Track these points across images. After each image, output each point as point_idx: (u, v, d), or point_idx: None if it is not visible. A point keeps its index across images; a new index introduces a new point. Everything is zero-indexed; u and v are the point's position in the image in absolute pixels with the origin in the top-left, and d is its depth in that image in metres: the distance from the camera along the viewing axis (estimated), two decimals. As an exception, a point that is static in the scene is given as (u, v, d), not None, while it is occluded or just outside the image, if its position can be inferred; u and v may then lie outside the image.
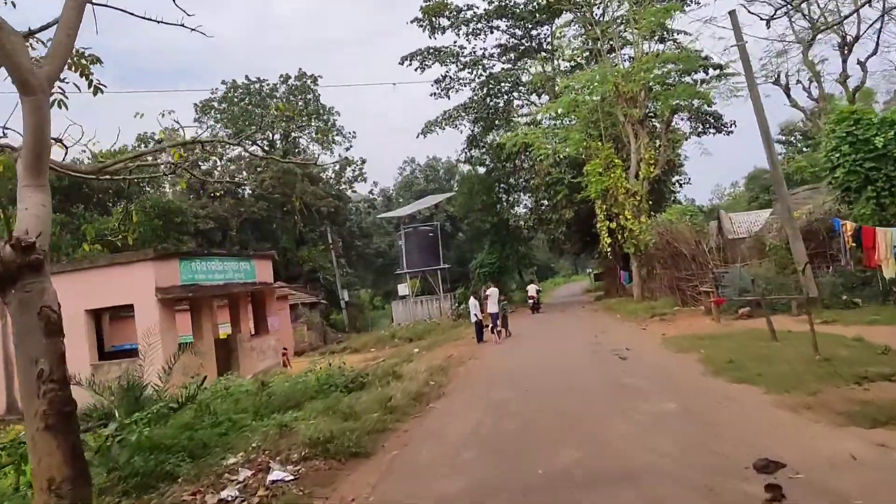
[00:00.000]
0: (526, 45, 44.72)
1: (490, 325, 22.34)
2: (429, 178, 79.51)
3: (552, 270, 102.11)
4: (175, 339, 18.15)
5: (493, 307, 22.58)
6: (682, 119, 40.13)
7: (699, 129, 41.71)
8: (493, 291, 23.14)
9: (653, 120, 34.72)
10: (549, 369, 14.30)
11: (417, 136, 43.11)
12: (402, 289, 38.71)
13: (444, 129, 43.52)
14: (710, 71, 35.94)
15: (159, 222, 33.47)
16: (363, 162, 56.93)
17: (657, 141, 32.23)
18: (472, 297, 23.67)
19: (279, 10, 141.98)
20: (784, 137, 71.55)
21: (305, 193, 47.11)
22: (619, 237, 30.09)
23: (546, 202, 43.05)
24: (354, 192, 57.46)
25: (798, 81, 36.08)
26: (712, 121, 40.96)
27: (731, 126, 42.04)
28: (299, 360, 32.02)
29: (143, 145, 46.89)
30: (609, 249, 31.30)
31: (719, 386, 10.26)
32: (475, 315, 22.83)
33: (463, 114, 43.49)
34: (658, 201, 36.87)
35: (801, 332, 14.90)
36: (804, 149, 71.06)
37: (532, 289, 38.49)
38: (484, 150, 48.53)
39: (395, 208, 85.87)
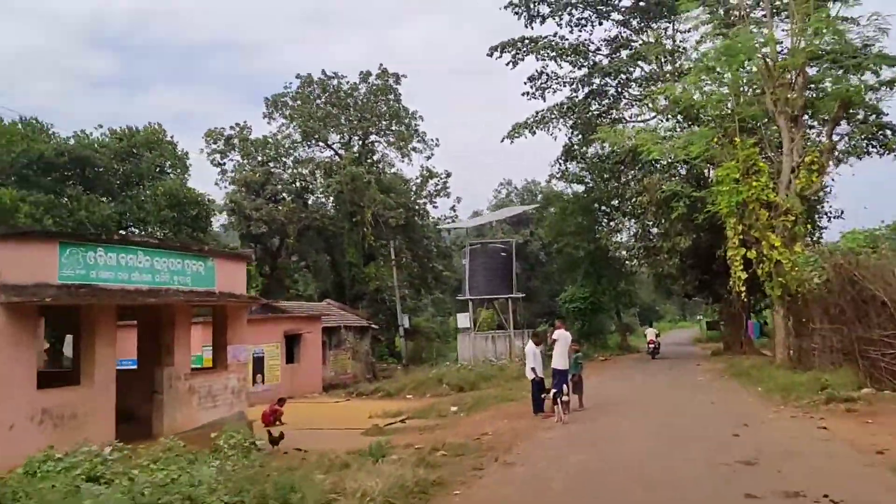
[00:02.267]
0: (642, 40, 35.81)
1: (552, 392, 13.56)
2: (525, 201, 71.13)
3: (657, 313, 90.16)
4: (30, 370, 11.01)
5: (560, 361, 13.91)
6: (839, 134, 29.62)
7: (863, 147, 30.84)
8: (561, 335, 14.47)
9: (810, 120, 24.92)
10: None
11: (503, 141, 35.07)
12: (463, 319, 30.28)
13: (534, 133, 35.13)
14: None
15: (170, 213, 27.18)
16: (448, 175, 49.30)
17: (818, 146, 22.44)
18: (530, 342, 14.98)
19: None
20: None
21: (375, 202, 39.98)
22: (760, 272, 20.47)
23: (655, 228, 33.66)
24: (436, 207, 49.88)
25: None
26: (885, 135, 30.16)
27: (905, 144, 30.84)
28: (322, 398, 24.45)
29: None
30: (744, 289, 21.56)
31: None
32: (532, 370, 14.22)
33: (558, 115, 34.98)
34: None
35: None
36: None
37: (651, 332, 34.69)
38: (583, 165, 39.74)
39: (487, 234, 78.33)
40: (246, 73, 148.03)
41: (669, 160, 31.25)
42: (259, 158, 42.65)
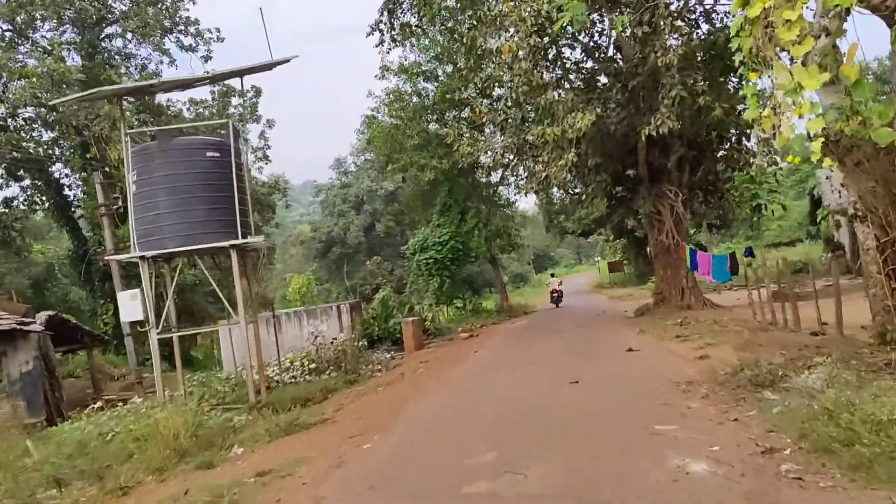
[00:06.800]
0: None
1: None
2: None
3: (552, 259, 77.51)
4: None
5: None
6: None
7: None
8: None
9: None
10: None
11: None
12: (127, 303, 13.77)
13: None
14: None
15: None
16: (258, 93, 32.54)
17: None
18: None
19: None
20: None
21: (99, 118, 22.92)
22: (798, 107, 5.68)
23: (531, 107, 18.54)
24: (245, 140, 33.10)
25: None
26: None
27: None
28: None
29: None
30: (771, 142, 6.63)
31: None
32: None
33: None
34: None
35: None
36: (881, 96, 46.66)
37: (554, 282, 30.74)
38: (424, 31, 24.24)
39: (353, 184, 61.29)
40: None
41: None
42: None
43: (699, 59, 15.15)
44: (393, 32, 21.76)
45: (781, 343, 9.69)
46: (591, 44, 18.99)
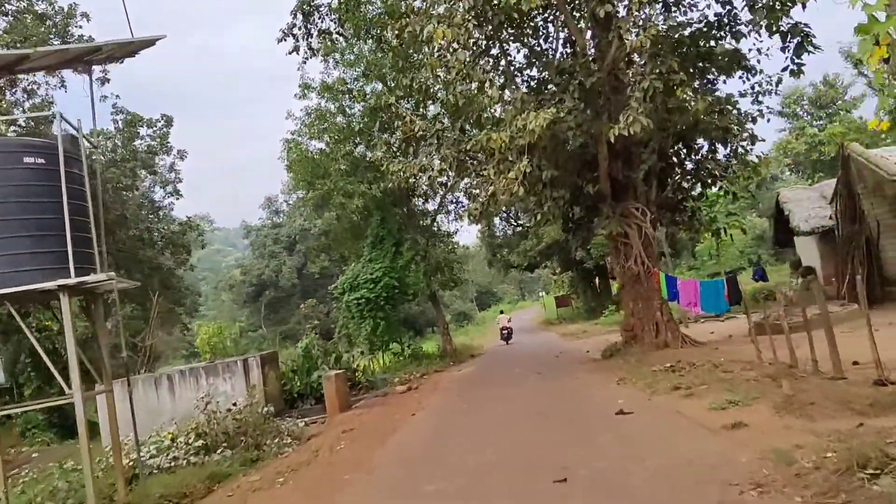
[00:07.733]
0: None
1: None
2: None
3: (493, 296, 74.79)
4: None
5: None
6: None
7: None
8: None
9: None
10: None
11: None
12: None
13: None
14: None
15: None
16: (168, 123, 28.66)
17: None
18: None
19: None
20: (787, 110, 47.84)
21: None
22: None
23: (471, 119, 15.48)
24: (154, 172, 29.14)
25: None
26: None
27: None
28: None
29: None
30: None
31: None
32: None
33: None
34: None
35: None
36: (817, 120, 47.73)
37: (504, 318, 29.95)
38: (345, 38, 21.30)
39: (285, 224, 57.16)
40: None
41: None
42: None
43: (674, 43, 12.59)
44: (310, 39, 18.61)
45: (841, 399, 6.79)
46: (538, 47, 16.40)
